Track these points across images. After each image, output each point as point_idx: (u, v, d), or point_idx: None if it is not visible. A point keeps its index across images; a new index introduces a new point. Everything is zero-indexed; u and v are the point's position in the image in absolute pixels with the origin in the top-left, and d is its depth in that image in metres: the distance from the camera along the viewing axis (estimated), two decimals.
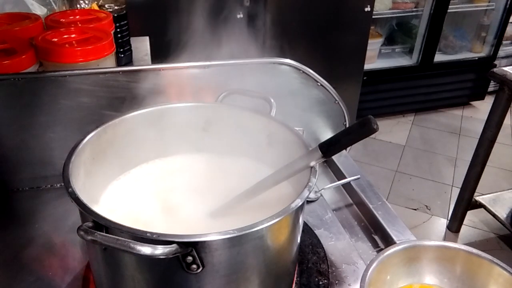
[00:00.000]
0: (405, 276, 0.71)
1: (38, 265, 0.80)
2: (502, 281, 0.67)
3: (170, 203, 0.75)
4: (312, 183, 0.62)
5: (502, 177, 2.71)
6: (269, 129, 0.79)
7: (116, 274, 0.62)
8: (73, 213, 0.63)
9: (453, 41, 3.39)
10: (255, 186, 0.69)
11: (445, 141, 3.11)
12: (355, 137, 0.60)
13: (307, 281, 0.77)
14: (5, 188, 0.99)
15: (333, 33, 2.57)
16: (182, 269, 0.55)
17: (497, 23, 3.31)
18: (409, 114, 3.41)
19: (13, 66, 1.03)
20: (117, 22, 1.38)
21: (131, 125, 0.77)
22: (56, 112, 0.94)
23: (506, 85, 1.83)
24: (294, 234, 0.66)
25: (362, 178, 1.01)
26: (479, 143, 2.04)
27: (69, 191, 0.58)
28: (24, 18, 1.27)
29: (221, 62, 1.01)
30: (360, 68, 2.77)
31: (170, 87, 0.99)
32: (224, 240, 0.54)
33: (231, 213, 0.71)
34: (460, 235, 2.30)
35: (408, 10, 3.17)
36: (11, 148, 0.95)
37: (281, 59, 1.04)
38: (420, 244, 0.72)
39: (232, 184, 0.74)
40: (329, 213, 0.94)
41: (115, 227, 0.53)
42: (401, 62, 3.28)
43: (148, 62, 1.49)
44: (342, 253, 0.84)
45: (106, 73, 0.95)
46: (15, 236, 0.87)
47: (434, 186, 2.66)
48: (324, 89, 1.06)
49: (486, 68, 2.76)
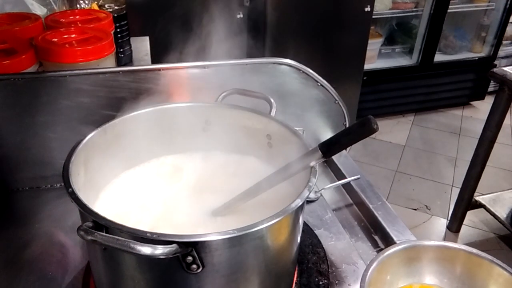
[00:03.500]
0: (405, 276, 0.71)
1: (38, 265, 0.80)
2: (502, 281, 0.67)
3: (170, 203, 0.76)
4: (312, 183, 0.62)
5: (502, 177, 2.71)
6: (269, 129, 0.79)
7: (116, 274, 0.62)
8: (73, 213, 0.63)
9: (453, 41, 3.39)
10: (255, 186, 0.69)
11: (445, 141, 3.11)
12: (355, 137, 0.60)
13: (307, 281, 0.77)
14: (5, 188, 0.99)
15: (333, 33, 2.56)
16: (182, 269, 0.55)
17: (497, 23, 3.31)
18: (409, 114, 3.41)
19: (13, 66, 1.03)
20: (117, 22, 1.38)
21: (131, 125, 0.77)
22: (56, 112, 0.94)
23: (506, 85, 1.83)
24: (294, 234, 0.66)
25: (362, 178, 1.01)
26: (479, 143, 2.04)
27: (69, 191, 0.58)
28: (24, 18, 1.27)
29: (221, 62, 1.01)
30: (360, 68, 2.77)
31: (170, 87, 0.99)
32: (224, 240, 0.54)
33: (231, 213, 0.71)
34: (460, 235, 2.30)
35: (408, 10, 3.17)
36: (11, 148, 0.95)
37: (281, 59, 1.04)
38: (420, 244, 0.72)
39: (232, 184, 0.74)
40: (329, 213, 0.94)
41: (115, 227, 0.53)
42: (401, 62, 3.28)
43: (148, 62, 1.49)
44: (342, 253, 0.84)
45: (106, 73, 0.95)
46: (15, 236, 0.87)
47: (434, 186, 2.66)
48: (324, 89, 1.06)
49: (486, 68, 2.76)
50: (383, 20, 3.28)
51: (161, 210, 0.74)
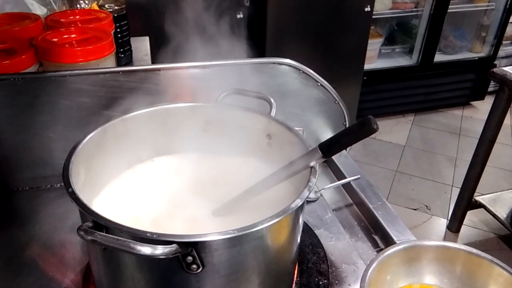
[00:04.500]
0: (405, 276, 0.71)
1: (38, 265, 0.80)
2: (502, 281, 0.67)
3: (170, 203, 0.75)
4: (312, 183, 0.62)
5: (502, 177, 2.71)
6: (269, 129, 0.79)
7: (116, 274, 0.62)
8: (73, 213, 0.63)
9: (453, 41, 3.39)
10: (255, 186, 0.69)
11: (445, 141, 3.11)
12: (355, 137, 0.60)
13: (307, 281, 0.77)
14: (5, 188, 0.99)
15: (333, 33, 2.56)
16: (182, 269, 0.55)
17: (497, 23, 3.31)
18: (409, 114, 3.41)
19: (13, 66, 1.03)
20: (117, 22, 1.39)
21: (131, 125, 0.77)
22: (56, 112, 0.94)
23: (506, 85, 1.83)
24: (294, 234, 0.66)
25: (362, 178, 1.01)
26: (479, 143, 2.04)
27: (69, 191, 0.58)
28: (24, 18, 1.27)
29: (221, 62, 1.01)
30: (360, 68, 2.77)
31: (170, 87, 0.99)
32: (224, 240, 0.54)
33: (231, 213, 0.71)
34: (460, 235, 2.30)
35: (408, 10, 3.17)
36: (11, 148, 0.95)
37: (281, 59, 1.04)
38: (420, 244, 0.72)
39: (232, 184, 0.75)
40: (329, 213, 0.94)
41: (115, 227, 0.53)
42: (401, 62, 3.28)
43: (148, 62, 1.49)
44: (342, 253, 0.84)
45: (106, 73, 0.95)
46: (15, 236, 0.87)
47: (434, 186, 2.66)
48: (324, 89, 1.06)
49: (486, 68, 2.76)
50: (383, 20, 3.28)
51: (161, 210, 0.74)
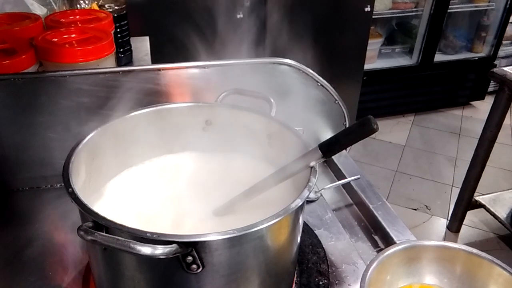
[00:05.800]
0: (405, 276, 0.71)
1: (38, 265, 0.80)
2: (502, 281, 0.67)
3: (170, 203, 0.76)
4: (312, 183, 0.62)
5: (502, 177, 2.71)
6: (269, 129, 0.79)
7: (116, 274, 0.62)
8: (73, 213, 0.63)
9: (453, 41, 3.39)
10: (255, 186, 0.69)
11: (445, 141, 3.11)
12: (355, 137, 0.60)
13: (307, 281, 0.77)
14: (5, 188, 0.99)
15: (333, 33, 2.56)
16: (182, 269, 0.55)
17: (497, 23, 3.31)
18: (409, 114, 3.41)
19: (13, 66, 1.03)
20: (117, 22, 1.38)
21: (131, 125, 0.77)
22: (56, 112, 0.94)
23: (506, 85, 1.83)
24: (294, 234, 0.66)
25: (362, 178, 1.01)
26: (479, 143, 2.04)
27: (69, 191, 0.58)
28: (24, 18, 1.27)
29: (221, 62, 1.01)
30: (360, 68, 2.77)
31: (170, 87, 0.99)
32: (224, 240, 0.54)
33: (231, 213, 0.71)
34: (460, 235, 2.30)
35: (408, 10, 3.17)
36: (11, 148, 0.95)
37: (281, 59, 1.04)
38: (420, 244, 0.72)
39: (232, 184, 0.74)
40: (329, 213, 0.94)
41: (115, 227, 0.53)
42: (401, 62, 3.28)
43: (148, 62, 1.49)
44: (342, 253, 0.84)
45: (106, 73, 0.95)
46: (15, 236, 0.87)
47: (434, 186, 2.66)
48: (324, 89, 1.06)
49: (486, 68, 2.76)
50: (383, 20, 3.27)
51: (161, 210, 0.74)
